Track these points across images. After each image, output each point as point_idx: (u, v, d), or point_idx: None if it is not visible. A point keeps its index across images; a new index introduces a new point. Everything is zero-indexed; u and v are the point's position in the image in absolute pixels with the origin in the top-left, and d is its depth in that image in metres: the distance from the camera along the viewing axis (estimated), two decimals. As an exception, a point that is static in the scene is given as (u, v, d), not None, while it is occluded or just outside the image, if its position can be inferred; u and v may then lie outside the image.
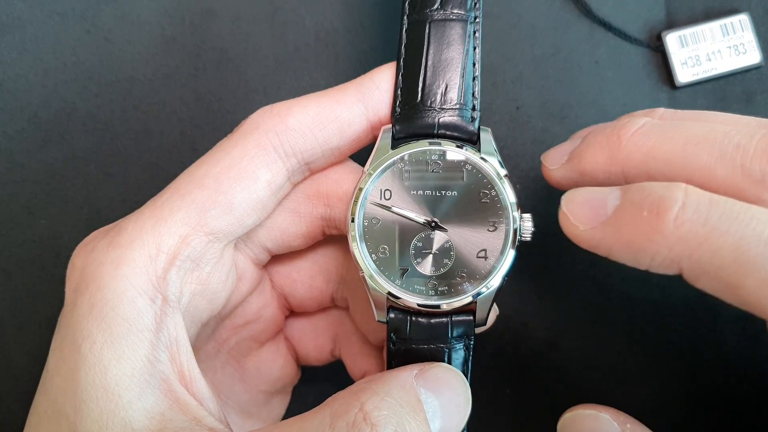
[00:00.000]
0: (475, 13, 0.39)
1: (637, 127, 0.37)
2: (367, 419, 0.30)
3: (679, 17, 0.52)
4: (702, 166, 0.34)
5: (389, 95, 0.38)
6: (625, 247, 0.31)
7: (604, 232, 0.32)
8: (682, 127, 0.36)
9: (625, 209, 0.31)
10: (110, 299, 0.33)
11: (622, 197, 0.32)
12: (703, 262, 0.29)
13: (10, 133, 0.50)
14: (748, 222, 0.29)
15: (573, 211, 0.33)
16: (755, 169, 0.32)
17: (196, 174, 0.36)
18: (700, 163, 0.34)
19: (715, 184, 0.33)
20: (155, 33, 0.51)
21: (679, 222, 0.30)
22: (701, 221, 0.29)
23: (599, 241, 0.32)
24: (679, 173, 0.35)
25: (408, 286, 0.37)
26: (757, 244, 0.28)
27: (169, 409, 0.32)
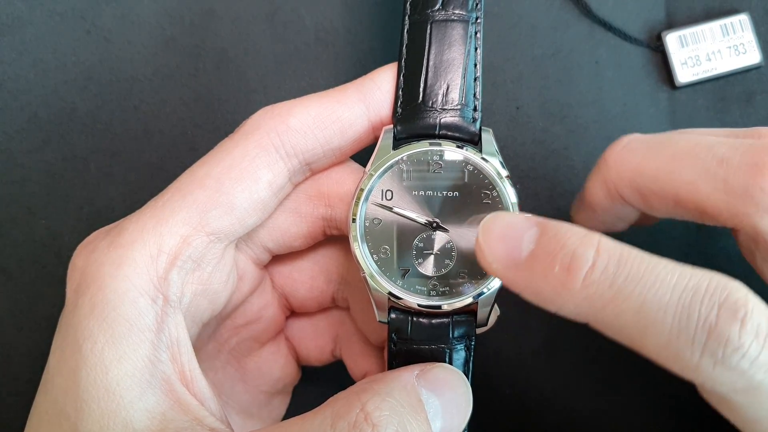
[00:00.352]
0: (476, 13, 0.39)
1: (622, 146, 0.38)
2: (369, 419, 0.30)
3: (679, 17, 0.52)
4: (687, 181, 0.34)
5: (390, 96, 0.38)
6: (534, 295, 0.31)
7: (516, 276, 0.32)
8: (668, 142, 0.36)
9: (538, 259, 0.31)
10: (111, 299, 0.33)
11: (537, 242, 0.31)
12: (606, 321, 0.30)
13: (10, 133, 0.50)
14: (651, 285, 0.29)
15: (489, 246, 0.32)
16: (738, 184, 0.33)
17: (197, 174, 0.36)
18: (684, 178, 0.34)
19: (700, 199, 0.34)
20: (155, 33, 0.51)
21: (587, 282, 0.30)
22: (608, 283, 0.29)
23: (510, 281, 0.32)
24: (667, 189, 0.35)
25: (409, 286, 0.37)
26: (657, 309, 0.28)
27: (170, 410, 0.32)
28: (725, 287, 0.28)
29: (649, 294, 0.29)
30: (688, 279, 0.29)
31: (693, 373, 0.28)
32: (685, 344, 0.28)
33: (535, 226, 0.32)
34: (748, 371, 0.27)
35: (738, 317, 0.27)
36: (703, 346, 0.28)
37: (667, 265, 0.29)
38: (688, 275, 0.29)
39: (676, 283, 0.29)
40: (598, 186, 0.39)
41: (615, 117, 0.51)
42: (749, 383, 0.28)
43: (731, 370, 0.28)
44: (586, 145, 0.51)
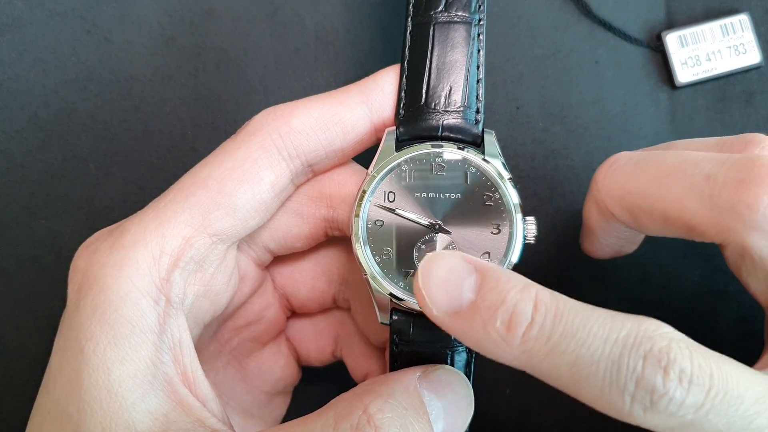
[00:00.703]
0: (479, 15, 0.39)
1: (610, 164, 0.38)
2: (371, 422, 0.30)
3: (679, 17, 0.52)
4: (674, 198, 0.34)
5: (393, 97, 0.38)
6: (474, 344, 0.32)
7: (457, 326, 0.32)
8: (655, 158, 0.36)
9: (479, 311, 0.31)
10: (113, 301, 0.33)
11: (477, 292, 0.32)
12: (543, 374, 0.31)
13: (10, 133, 0.50)
14: (584, 340, 0.30)
15: (429, 292, 0.32)
16: (723, 200, 0.33)
17: (199, 175, 0.36)
18: (671, 195, 0.34)
19: (687, 216, 0.34)
20: (155, 33, 0.51)
21: (525, 338, 0.30)
22: (544, 339, 0.30)
23: (450, 328, 0.32)
24: (654, 206, 0.35)
25: (411, 288, 0.37)
26: (590, 364, 0.29)
27: (173, 411, 0.32)
28: (650, 338, 0.29)
29: (582, 349, 0.29)
30: (617, 331, 0.29)
31: (627, 419, 0.30)
32: (617, 395, 0.29)
33: (474, 273, 0.32)
34: (676, 413, 0.29)
35: (661, 366, 0.29)
36: (633, 395, 0.29)
37: (599, 318, 0.30)
38: (618, 327, 0.30)
39: (607, 336, 0.29)
40: (591, 207, 0.40)
41: (615, 117, 0.51)
42: (681, 422, 0.29)
43: (661, 414, 0.29)
44: (586, 145, 0.51)
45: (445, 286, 0.32)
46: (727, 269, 0.50)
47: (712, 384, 0.29)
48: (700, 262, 0.50)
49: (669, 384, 0.28)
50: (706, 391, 0.29)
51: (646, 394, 0.29)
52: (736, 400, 0.29)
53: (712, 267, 0.50)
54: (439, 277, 0.32)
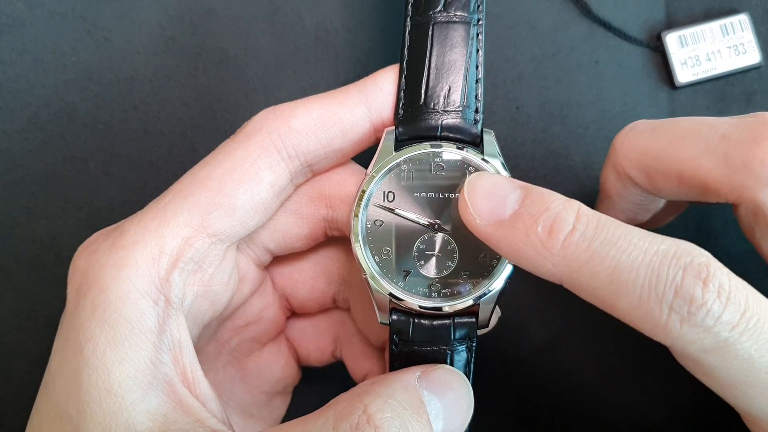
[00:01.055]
0: (478, 15, 0.39)
1: (628, 129, 0.39)
2: (371, 421, 0.30)
3: (679, 17, 0.52)
4: (689, 158, 0.35)
5: (392, 97, 0.38)
6: (513, 253, 0.33)
7: (498, 233, 0.33)
8: (672, 123, 0.37)
9: (521, 218, 0.33)
10: (113, 301, 0.33)
11: (521, 203, 0.33)
12: (582, 282, 0.31)
13: (10, 133, 0.50)
14: (625, 248, 0.30)
15: (474, 203, 0.34)
16: (737, 158, 0.33)
17: (199, 175, 0.36)
18: (687, 155, 0.35)
19: (702, 175, 0.35)
20: (155, 33, 0.51)
21: (566, 244, 0.31)
22: (585, 245, 0.31)
23: (491, 237, 0.34)
24: (670, 167, 0.36)
25: (410, 287, 0.37)
26: (629, 271, 0.30)
27: (173, 411, 0.32)
28: (690, 252, 0.30)
29: (623, 256, 0.30)
30: (658, 244, 0.30)
31: (662, 332, 0.30)
32: (655, 303, 0.30)
33: (519, 189, 0.34)
34: (713, 328, 0.29)
35: (701, 277, 0.29)
36: (671, 304, 0.29)
37: (640, 232, 0.31)
38: (658, 241, 0.30)
39: (648, 247, 0.30)
40: (609, 171, 0.41)
41: (615, 117, 0.51)
42: (715, 341, 0.29)
43: (697, 327, 0.29)
44: (586, 145, 0.51)
45: (490, 197, 0.34)
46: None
47: (748, 306, 0.29)
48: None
49: (708, 295, 0.29)
50: (742, 312, 0.29)
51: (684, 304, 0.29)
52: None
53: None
54: (485, 189, 0.34)
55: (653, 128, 0.38)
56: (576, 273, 0.31)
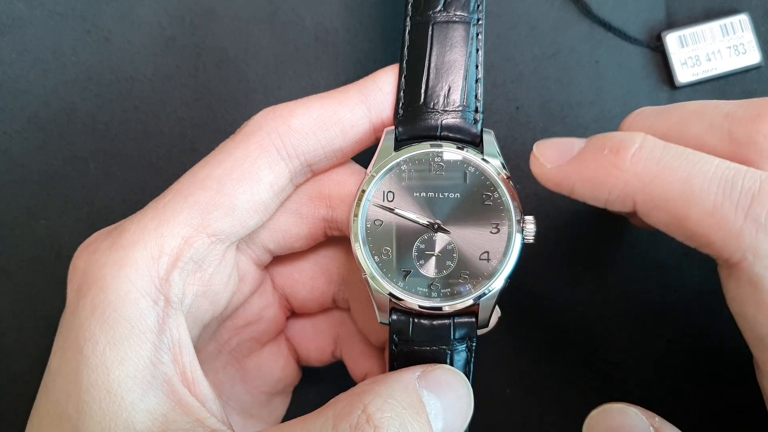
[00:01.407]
0: (478, 15, 0.39)
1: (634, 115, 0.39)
2: (370, 421, 0.30)
3: (679, 17, 0.52)
4: (695, 136, 0.35)
5: (392, 97, 0.38)
6: (586, 182, 0.34)
7: (568, 168, 0.35)
8: (677, 106, 0.38)
9: (588, 149, 0.34)
10: (113, 301, 0.33)
11: (587, 141, 0.35)
12: (654, 195, 0.32)
13: (10, 133, 0.50)
14: (696, 161, 0.31)
15: (543, 153, 0.36)
16: (742, 134, 0.34)
17: (198, 175, 0.36)
18: (692, 133, 0.36)
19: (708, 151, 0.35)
20: (155, 33, 0.51)
21: (635, 159, 0.32)
22: (655, 160, 0.32)
23: (563, 177, 0.35)
24: None
25: (410, 287, 0.37)
26: (702, 180, 0.31)
27: (172, 411, 0.32)
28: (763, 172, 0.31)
29: (695, 168, 0.31)
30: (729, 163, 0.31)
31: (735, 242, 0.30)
32: (729, 209, 0.30)
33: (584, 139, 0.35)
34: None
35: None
36: (747, 211, 0.30)
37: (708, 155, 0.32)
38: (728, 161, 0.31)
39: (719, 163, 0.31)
40: None
41: (615, 117, 0.51)
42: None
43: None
44: (586, 145, 0.51)
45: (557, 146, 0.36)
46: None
47: None
48: (700, 262, 0.50)
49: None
50: None
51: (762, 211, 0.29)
52: None
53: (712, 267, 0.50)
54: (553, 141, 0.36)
55: (659, 112, 0.38)
56: (648, 186, 0.32)
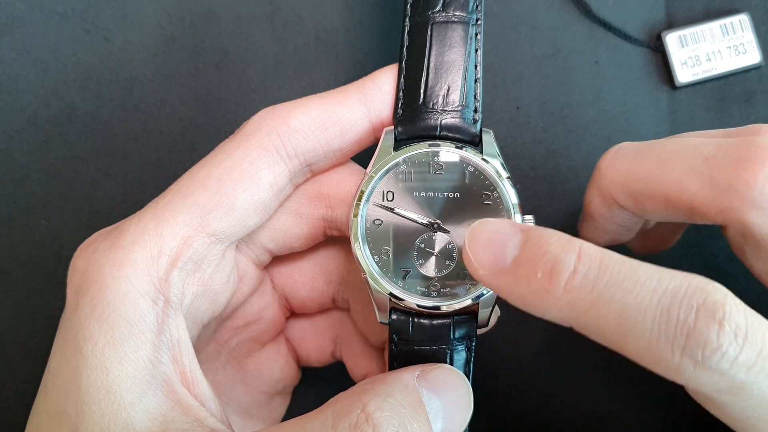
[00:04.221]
0: (477, 15, 0.39)
1: (613, 153, 0.38)
2: (370, 420, 0.30)
3: (679, 17, 0.52)
4: (674, 180, 0.35)
5: (391, 97, 0.38)
6: (519, 300, 0.32)
7: (501, 282, 0.32)
8: (657, 146, 0.37)
9: (521, 265, 0.32)
10: (112, 300, 0.33)
11: (520, 248, 0.32)
12: (589, 325, 0.30)
13: (10, 133, 0.50)
14: (631, 289, 0.29)
15: (475, 253, 0.33)
16: (723, 180, 0.33)
17: (198, 175, 0.36)
18: (672, 178, 0.35)
19: (688, 198, 0.34)
20: (155, 33, 0.51)
21: (568, 288, 0.30)
22: (588, 288, 0.30)
23: (496, 287, 0.33)
24: (656, 190, 0.36)
25: (410, 287, 0.37)
26: (637, 313, 0.29)
27: (171, 411, 0.32)
28: (703, 290, 0.29)
29: (629, 298, 0.29)
30: (667, 282, 0.29)
31: (675, 375, 0.29)
32: (665, 347, 0.28)
33: (519, 233, 0.32)
34: (728, 372, 0.28)
35: (716, 319, 0.28)
36: (683, 348, 0.28)
37: (647, 269, 0.30)
38: (667, 278, 0.29)
39: (656, 286, 0.29)
40: (594, 195, 0.40)
41: (615, 117, 0.51)
42: (731, 383, 0.28)
43: (712, 371, 0.28)
44: (586, 145, 0.51)
45: (490, 247, 0.33)
46: (728, 268, 0.50)
47: (765, 344, 0.28)
48: (700, 262, 0.50)
49: (724, 338, 0.28)
50: (758, 352, 0.28)
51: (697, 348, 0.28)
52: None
53: (712, 267, 0.50)
54: (485, 238, 0.33)
55: (638, 150, 0.37)
56: (583, 317, 0.30)
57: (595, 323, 0.30)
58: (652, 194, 0.36)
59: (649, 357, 0.29)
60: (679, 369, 0.28)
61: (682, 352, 0.28)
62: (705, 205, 0.34)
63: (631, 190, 0.37)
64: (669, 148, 0.36)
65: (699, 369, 0.28)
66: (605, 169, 0.38)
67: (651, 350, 0.29)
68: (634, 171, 0.37)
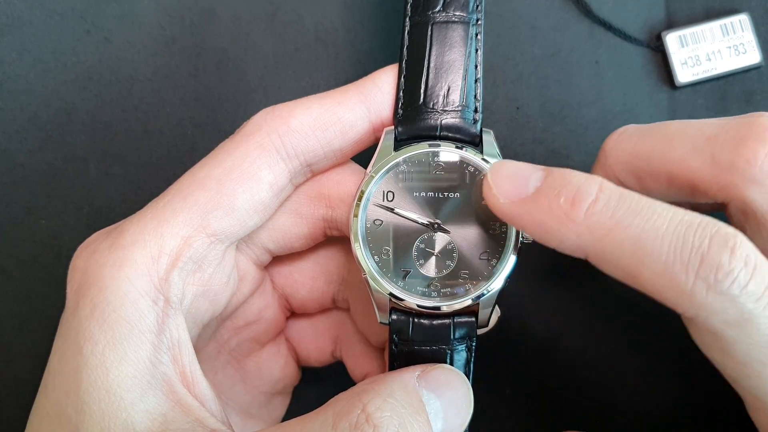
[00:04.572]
0: (477, 15, 0.39)
1: (618, 134, 0.39)
2: (370, 420, 0.30)
3: (679, 17, 0.52)
4: (677, 159, 0.35)
5: (391, 97, 0.38)
6: (538, 227, 0.33)
7: (522, 209, 0.33)
8: (660, 126, 0.37)
9: (543, 193, 0.33)
10: (112, 301, 0.33)
11: (543, 180, 0.34)
12: (606, 251, 0.32)
13: (10, 133, 0.50)
14: (649, 217, 0.31)
15: (497, 183, 0.34)
16: (724, 157, 0.34)
17: (198, 175, 0.36)
18: (675, 156, 0.36)
19: (691, 175, 0.35)
20: (155, 33, 0.51)
21: (589, 213, 0.32)
22: (609, 214, 0.31)
23: (515, 216, 0.34)
24: (659, 168, 0.36)
25: (410, 287, 0.37)
26: (654, 238, 0.30)
27: (171, 411, 0.32)
28: (716, 223, 0.30)
29: (647, 225, 0.31)
30: (682, 215, 0.31)
31: (687, 301, 0.30)
32: (680, 270, 0.30)
33: (541, 170, 0.34)
34: (738, 298, 0.29)
35: (728, 246, 0.29)
36: (697, 271, 0.29)
37: (663, 204, 0.31)
38: (682, 212, 0.31)
39: (672, 217, 0.31)
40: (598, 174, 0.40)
41: (615, 117, 0.51)
42: (740, 313, 0.29)
43: (722, 296, 0.29)
44: (586, 145, 0.51)
45: (512, 177, 0.34)
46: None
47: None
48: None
49: (735, 263, 0.29)
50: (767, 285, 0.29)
51: (710, 271, 0.29)
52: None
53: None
54: (508, 171, 0.35)
55: (642, 132, 0.38)
56: (600, 242, 0.31)
57: (612, 249, 0.31)
58: (656, 173, 0.37)
59: (662, 283, 0.30)
60: (692, 293, 0.30)
61: (696, 275, 0.29)
62: (707, 183, 0.35)
63: (635, 168, 0.38)
64: (672, 128, 0.36)
65: (711, 293, 0.29)
66: (610, 150, 0.39)
67: (665, 275, 0.30)
68: (638, 150, 0.37)
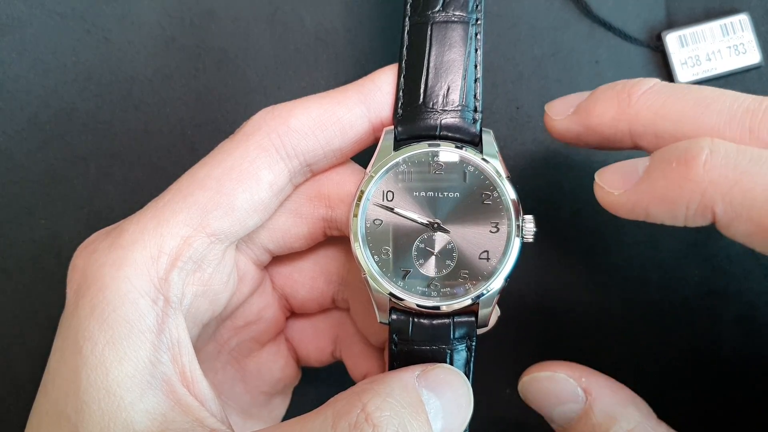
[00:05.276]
0: (476, 15, 0.39)
1: (648, 87, 0.37)
2: (369, 420, 0.30)
3: (679, 17, 0.52)
4: (711, 127, 0.34)
5: (391, 97, 0.38)
6: (660, 201, 0.32)
7: (638, 192, 0.33)
8: (693, 89, 0.36)
9: (654, 167, 0.32)
10: (112, 300, 0.33)
11: (650, 158, 0.33)
12: (735, 204, 0.30)
13: (10, 133, 0.50)
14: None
15: (606, 180, 0.34)
16: (763, 132, 0.33)
17: (197, 175, 0.36)
18: (709, 124, 0.34)
19: None
20: (155, 33, 0.51)
21: (708, 167, 0.31)
22: (731, 165, 0.30)
23: (635, 202, 0.33)
24: (687, 134, 0.35)
25: (410, 287, 0.37)
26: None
27: (171, 410, 0.32)
28: None
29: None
30: None
31: None
32: None
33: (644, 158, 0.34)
34: None
35: None
36: None
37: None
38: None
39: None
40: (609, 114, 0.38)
41: (615, 117, 0.51)
42: None
43: None
44: (586, 145, 0.51)
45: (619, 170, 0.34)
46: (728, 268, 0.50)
47: None
48: (700, 262, 0.50)
49: None
50: None
51: None
52: None
53: (712, 267, 0.50)
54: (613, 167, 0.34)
55: (673, 90, 0.36)
56: (728, 195, 0.30)
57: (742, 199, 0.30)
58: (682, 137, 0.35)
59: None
60: None
61: None
62: None
63: (659, 128, 0.36)
64: (706, 93, 0.35)
65: None
66: (636, 101, 0.37)
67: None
68: (667, 110, 0.35)
